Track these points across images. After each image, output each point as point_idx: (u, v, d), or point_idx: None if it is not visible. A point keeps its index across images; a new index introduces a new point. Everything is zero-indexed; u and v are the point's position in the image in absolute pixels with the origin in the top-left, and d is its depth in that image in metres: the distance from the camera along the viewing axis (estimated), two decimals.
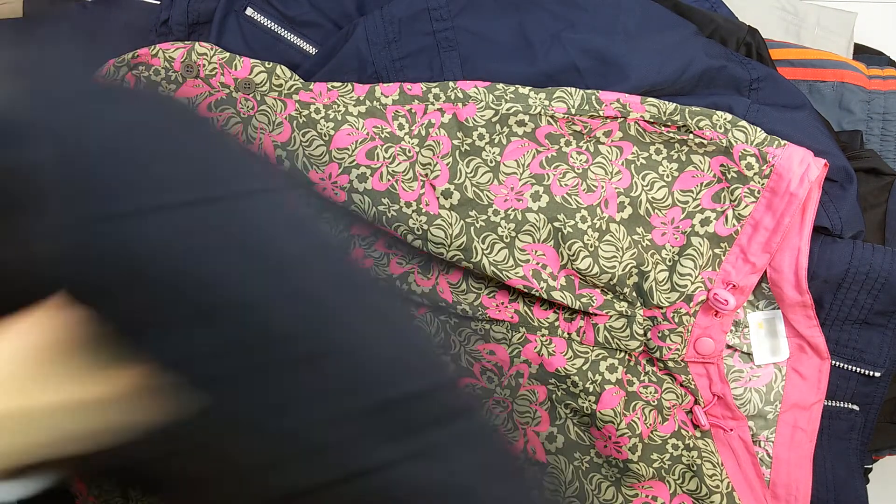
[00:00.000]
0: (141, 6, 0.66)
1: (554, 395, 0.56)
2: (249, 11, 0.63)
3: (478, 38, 0.59)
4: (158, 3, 0.65)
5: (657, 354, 0.55)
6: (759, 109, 0.57)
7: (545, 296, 0.55)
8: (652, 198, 0.56)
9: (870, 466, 0.59)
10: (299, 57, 0.62)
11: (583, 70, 0.58)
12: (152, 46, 0.59)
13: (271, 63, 0.59)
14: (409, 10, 0.60)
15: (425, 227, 0.56)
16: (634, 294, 0.55)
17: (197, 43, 0.59)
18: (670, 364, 0.55)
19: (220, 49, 0.59)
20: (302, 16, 0.63)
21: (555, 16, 0.59)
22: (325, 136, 0.58)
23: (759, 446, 0.55)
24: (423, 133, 0.58)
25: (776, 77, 0.59)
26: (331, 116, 0.58)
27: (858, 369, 0.54)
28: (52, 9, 0.68)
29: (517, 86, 0.57)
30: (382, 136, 0.58)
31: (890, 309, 0.53)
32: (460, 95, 0.57)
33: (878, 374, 0.53)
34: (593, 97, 0.56)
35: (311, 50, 0.62)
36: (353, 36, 0.60)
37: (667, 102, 0.56)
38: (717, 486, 0.55)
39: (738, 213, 0.54)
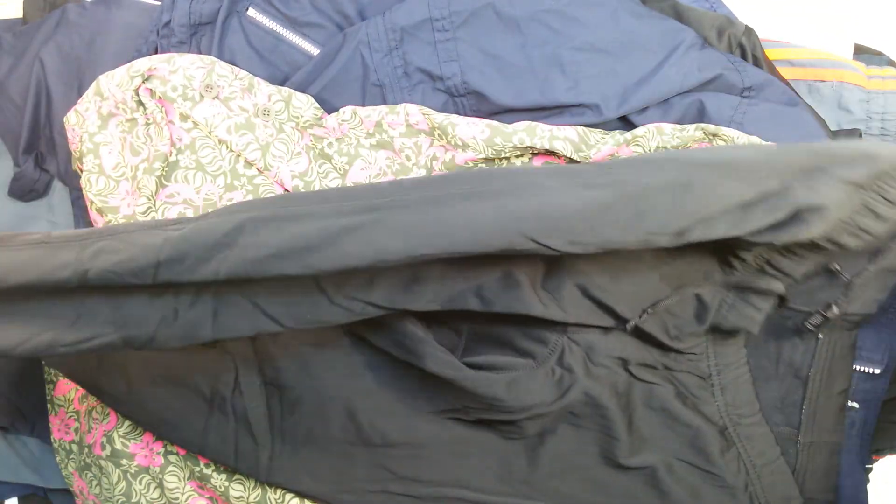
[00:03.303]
0: (141, 6, 0.67)
1: None
2: (251, 12, 0.63)
3: (480, 52, 0.60)
4: (158, 3, 0.66)
5: None
6: (750, 104, 0.57)
7: None
8: None
9: (870, 466, 0.59)
10: (302, 57, 0.63)
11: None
12: (170, 60, 0.59)
13: (287, 91, 0.60)
14: (411, 19, 0.60)
15: None
16: None
17: (217, 63, 0.60)
18: None
19: (238, 71, 0.60)
20: (303, 16, 0.63)
21: (555, 33, 0.59)
22: (341, 169, 0.59)
23: None
24: (429, 164, 0.59)
25: (772, 82, 0.59)
26: (344, 151, 0.59)
27: (858, 366, 0.54)
28: (51, 9, 0.69)
29: (514, 141, 0.57)
30: (393, 168, 0.59)
31: (885, 303, 0.53)
32: (459, 143, 0.58)
33: (877, 371, 0.53)
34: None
35: (314, 50, 0.63)
36: (355, 41, 0.61)
37: None
38: None
39: None
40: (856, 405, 0.55)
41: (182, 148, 0.58)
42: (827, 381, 0.53)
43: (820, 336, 0.53)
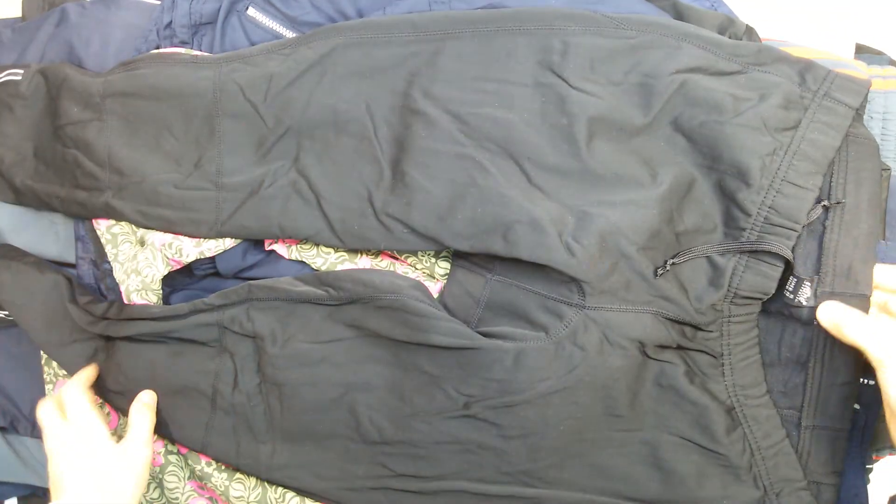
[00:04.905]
0: (141, 6, 0.66)
1: None
2: (251, 11, 0.63)
3: None
4: (158, 2, 0.66)
5: None
6: None
7: None
8: None
9: (871, 466, 0.59)
10: None
11: None
12: None
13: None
14: None
15: None
16: None
17: None
18: None
19: None
20: (303, 16, 0.63)
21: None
22: None
23: None
24: None
25: None
26: None
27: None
28: (51, 9, 0.69)
29: None
30: None
31: None
32: None
33: (872, 382, 0.54)
34: None
35: None
36: None
37: None
38: None
39: None
40: (857, 407, 0.55)
41: None
42: (828, 369, 0.53)
43: (815, 320, 0.53)
